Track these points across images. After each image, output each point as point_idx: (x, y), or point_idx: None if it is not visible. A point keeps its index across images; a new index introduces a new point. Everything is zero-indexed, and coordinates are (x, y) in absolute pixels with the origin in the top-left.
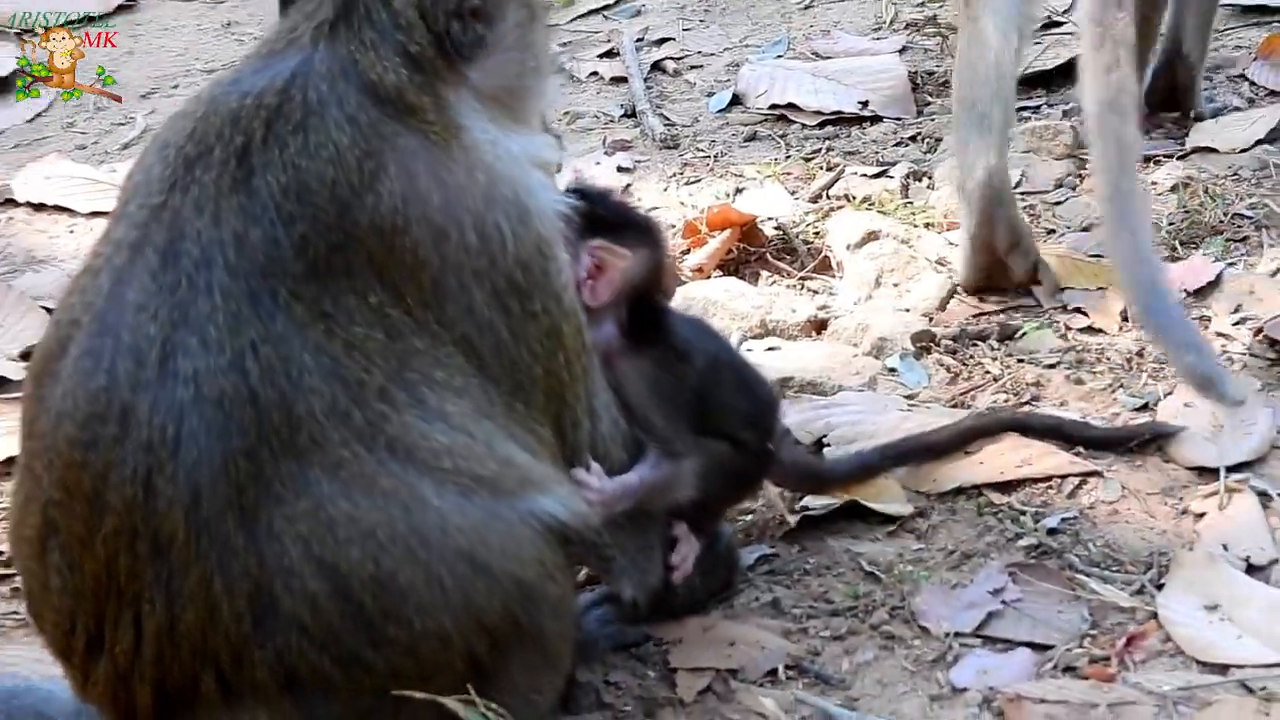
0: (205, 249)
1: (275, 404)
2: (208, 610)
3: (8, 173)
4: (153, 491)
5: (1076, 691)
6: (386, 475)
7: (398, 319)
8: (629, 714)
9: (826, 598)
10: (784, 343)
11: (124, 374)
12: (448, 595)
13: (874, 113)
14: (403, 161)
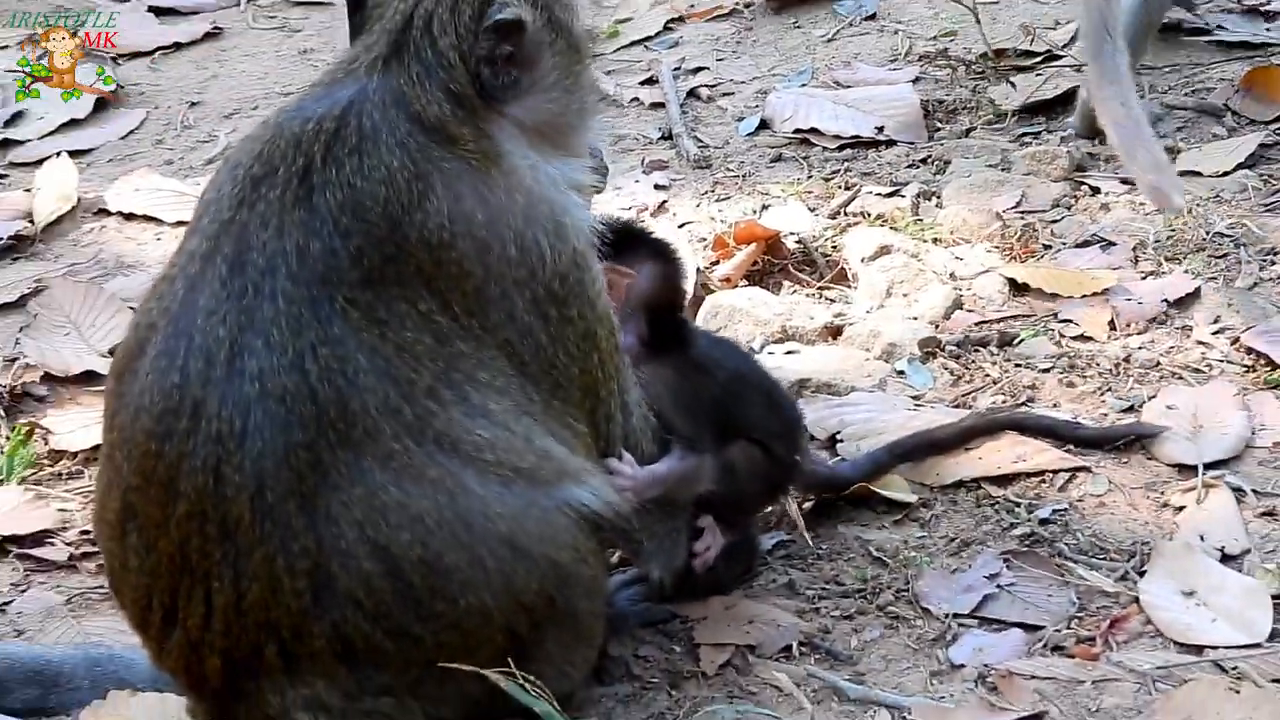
0: (270, 259)
1: (332, 400)
2: (271, 587)
3: (102, 185)
4: (221, 479)
5: (1064, 669)
6: (434, 466)
7: (445, 325)
8: (656, 685)
9: (837, 580)
10: (802, 347)
11: (195, 372)
12: (489, 576)
13: (889, 137)
14: (449, 183)
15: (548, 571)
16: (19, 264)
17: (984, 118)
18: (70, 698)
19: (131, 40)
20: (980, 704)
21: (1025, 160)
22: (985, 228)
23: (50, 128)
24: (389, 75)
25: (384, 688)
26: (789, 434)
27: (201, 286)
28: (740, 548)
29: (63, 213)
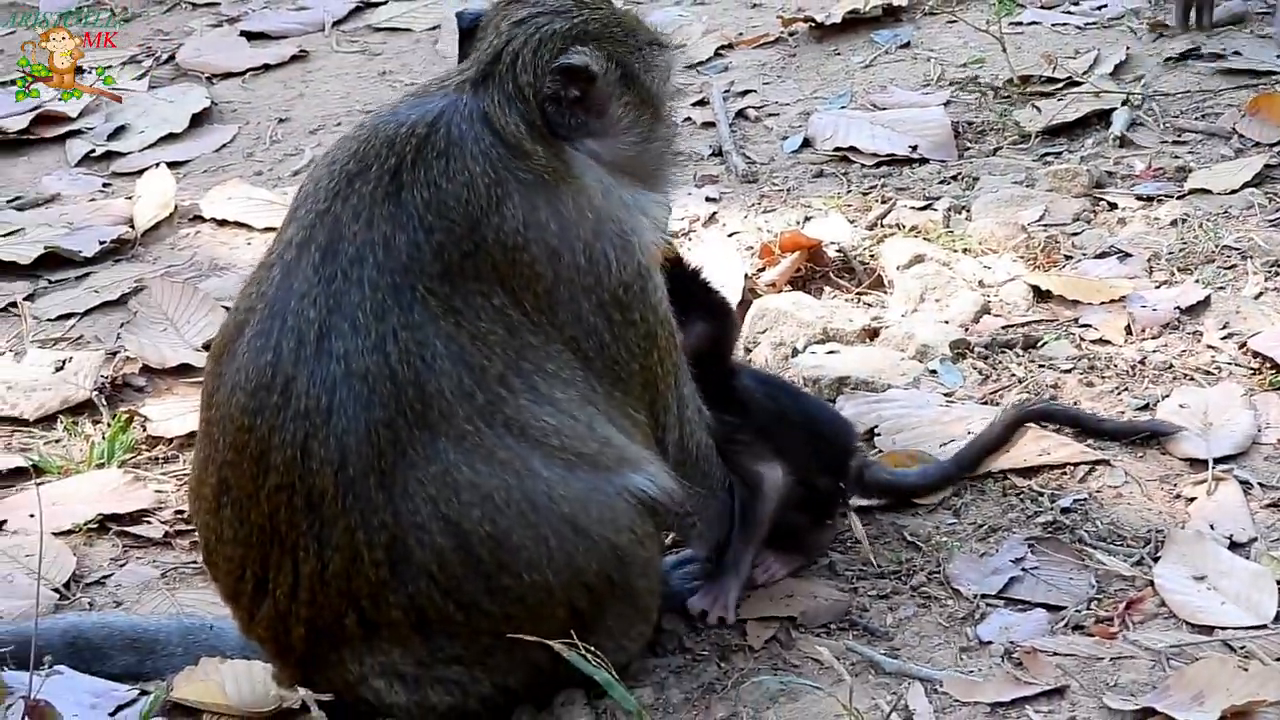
0: (359, 248)
1: (411, 381)
2: (352, 557)
3: (197, 194)
4: (308, 453)
5: (1084, 646)
6: (503, 448)
7: (516, 318)
8: (706, 657)
9: (874, 563)
10: (842, 347)
11: (288, 352)
12: (552, 554)
13: (922, 156)
14: (525, 193)
15: (607, 552)
16: (120, 265)
17: (1010, 138)
18: (165, 664)
19: (224, 62)
20: (1006, 678)
21: (1048, 177)
22: (1011, 239)
23: (150, 141)
24: (476, 95)
25: (454, 657)
26: (833, 465)
27: (296, 272)
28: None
29: (161, 219)
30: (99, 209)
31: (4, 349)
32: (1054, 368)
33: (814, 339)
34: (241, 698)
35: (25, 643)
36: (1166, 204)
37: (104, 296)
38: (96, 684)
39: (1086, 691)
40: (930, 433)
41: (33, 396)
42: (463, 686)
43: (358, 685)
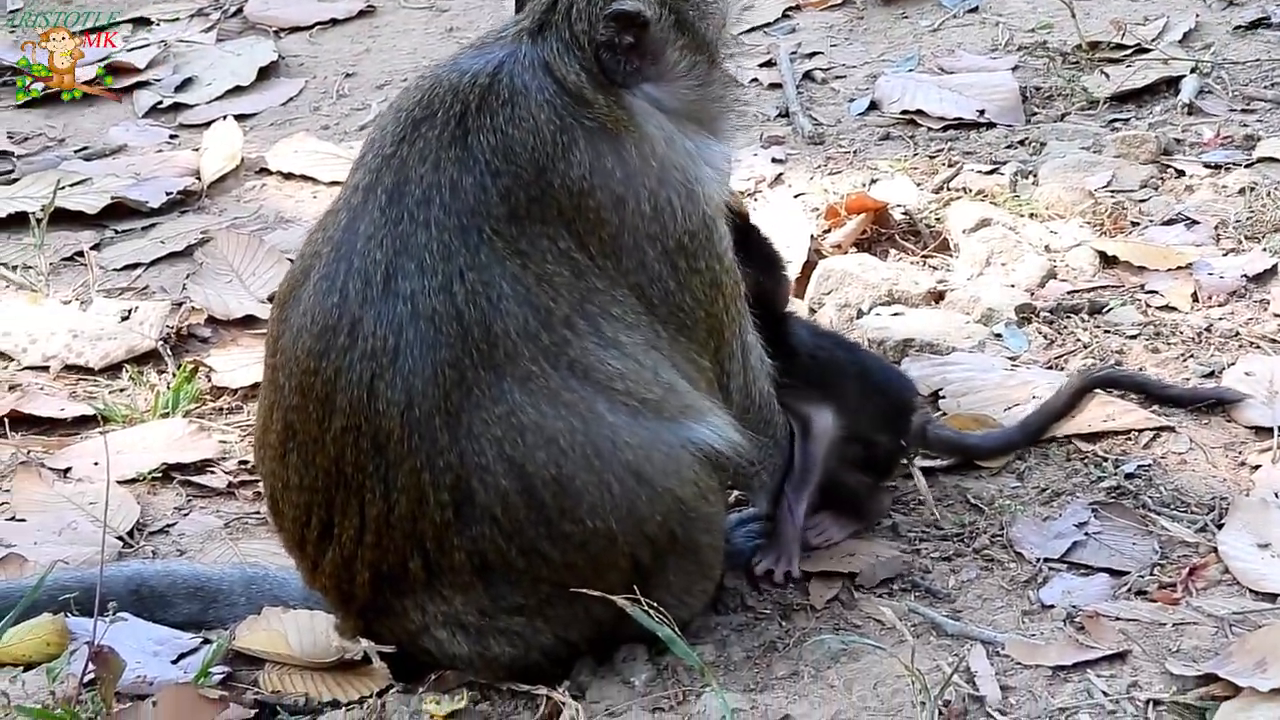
0: (425, 191)
1: (477, 322)
2: (418, 499)
3: (264, 146)
4: (374, 395)
5: (1146, 612)
6: (568, 391)
7: (582, 262)
8: (768, 616)
9: (937, 525)
10: (907, 310)
11: (354, 293)
12: (615, 502)
13: (989, 120)
14: (591, 140)
15: (671, 504)
16: (187, 217)
17: (1078, 104)
18: (228, 613)
19: (292, 15)
20: (1068, 642)
21: (1116, 144)
22: (1078, 205)
23: (217, 93)
24: (536, 44)
25: (516, 607)
26: (892, 421)
27: (363, 215)
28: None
29: (227, 171)
30: (166, 160)
31: (70, 298)
32: (1119, 334)
33: (879, 301)
34: (304, 648)
35: (90, 590)
36: (1234, 172)
37: (170, 247)
38: (160, 631)
39: (1148, 657)
40: (995, 396)
41: (98, 346)
42: (524, 638)
43: (420, 635)
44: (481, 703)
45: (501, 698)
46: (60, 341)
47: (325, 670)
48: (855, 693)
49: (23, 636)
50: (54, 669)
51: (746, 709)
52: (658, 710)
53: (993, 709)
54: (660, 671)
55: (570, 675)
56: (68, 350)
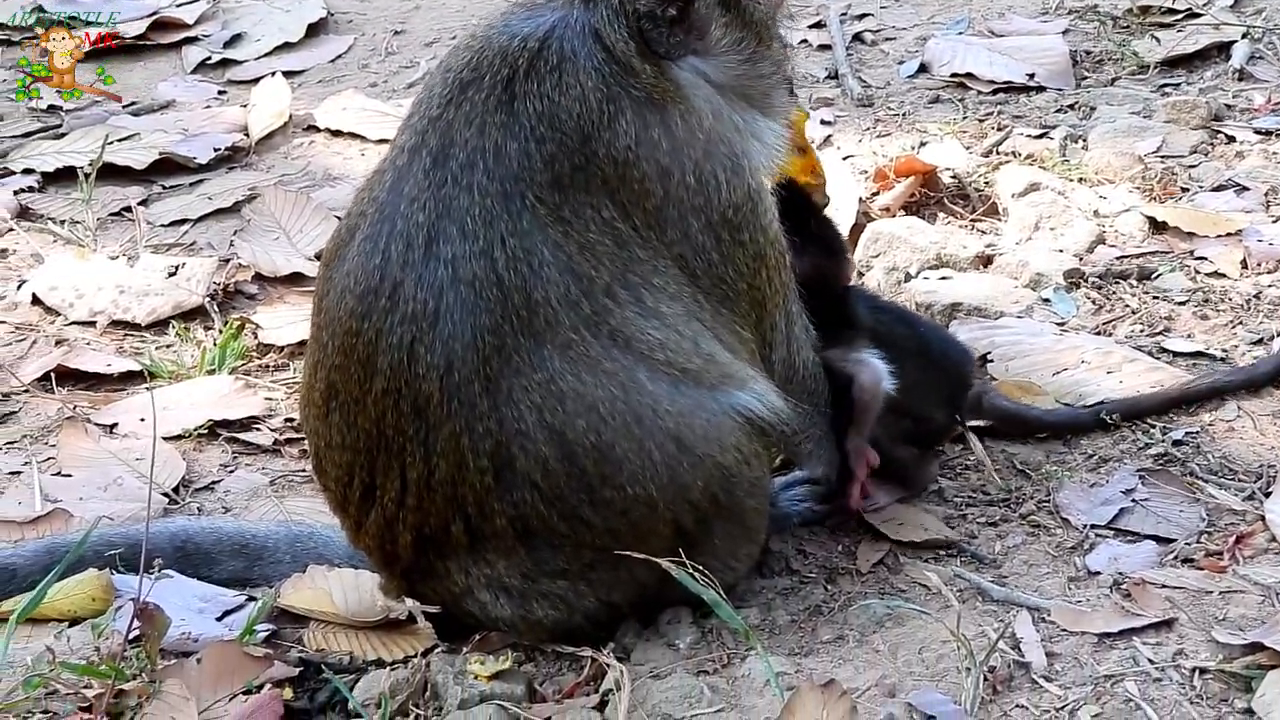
0: (470, 155)
1: (517, 288)
2: (458, 463)
3: (312, 103)
4: (414, 358)
5: (1193, 579)
6: (609, 359)
7: (625, 232)
8: (813, 580)
9: (984, 490)
10: (955, 274)
11: (396, 255)
12: (656, 468)
13: (1039, 84)
14: (638, 110)
15: (712, 470)
16: (234, 173)
17: (1128, 69)
18: (273, 570)
19: None
20: (1114, 609)
21: (1166, 109)
22: (1128, 170)
23: (266, 49)
24: (587, 11)
25: (559, 571)
26: (948, 397)
27: (407, 177)
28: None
29: (275, 128)
30: (214, 116)
31: (118, 254)
32: (1168, 299)
33: (927, 264)
34: (349, 607)
35: (135, 546)
36: None
37: (217, 203)
38: (204, 589)
39: (1194, 624)
40: (1042, 361)
41: (145, 301)
42: (567, 601)
43: (464, 597)
44: (526, 664)
45: (546, 659)
46: (107, 297)
47: (370, 629)
48: (900, 657)
49: (68, 592)
50: (99, 625)
51: (791, 672)
52: (702, 673)
53: (1038, 675)
54: (705, 634)
55: (615, 637)
56: (114, 306)
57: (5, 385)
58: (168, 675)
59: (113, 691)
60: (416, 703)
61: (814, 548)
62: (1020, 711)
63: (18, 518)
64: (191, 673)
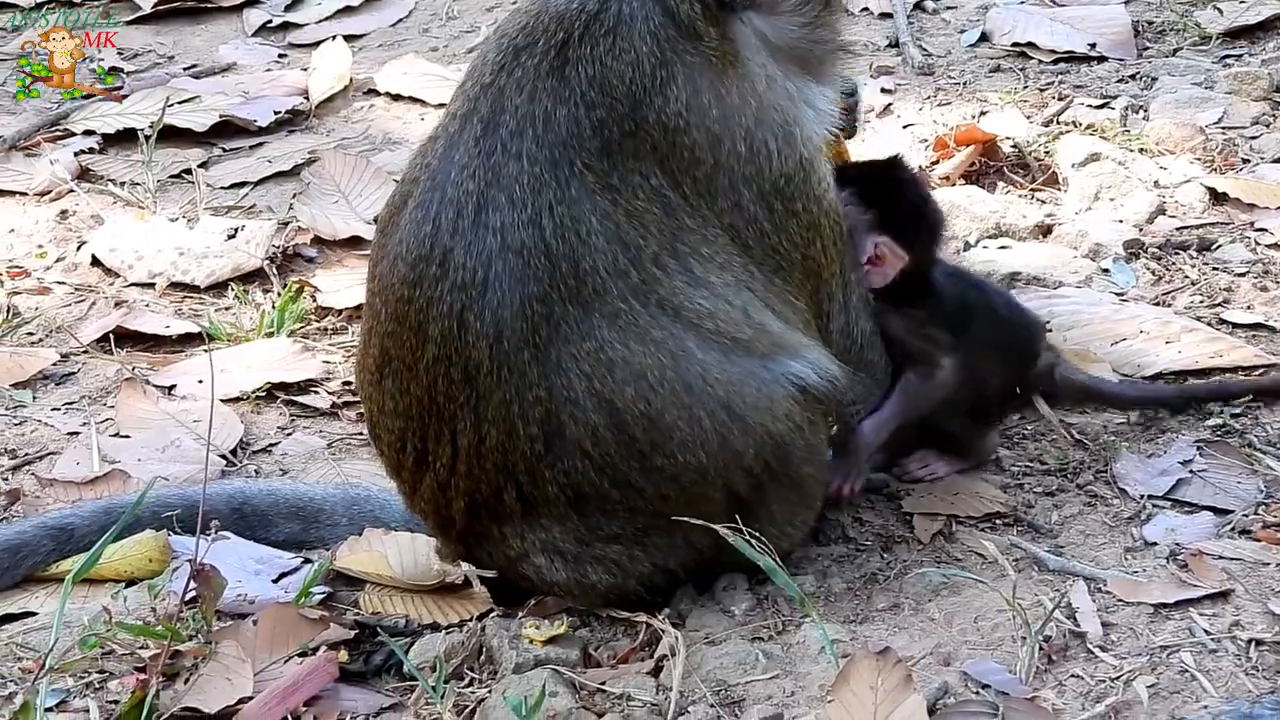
0: (520, 122)
1: (565, 257)
2: (508, 431)
3: (372, 67)
4: (464, 326)
5: (1250, 551)
6: (657, 328)
7: (674, 200)
8: (869, 548)
9: (1041, 460)
10: (1014, 243)
11: (447, 222)
12: (707, 436)
13: (1101, 54)
14: (690, 75)
15: (764, 438)
16: (294, 136)
17: (1190, 39)
18: (329, 533)
19: None
20: (1171, 579)
21: (1228, 80)
22: (1189, 140)
23: (327, 13)
24: None
25: (613, 536)
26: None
27: (459, 144)
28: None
29: (336, 91)
30: (274, 79)
31: (177, 216)
32: (1228, 271)
33: (987, 233)
34: (405, 570)
35: (192, 507)
36: None
37: (277, 166)
38: (261, 550)
39: (1251, 596)
40: (1101, 331)
41: (204, 264)
42: (622, 566)
43: (519, 561)
44: (581, 629)
45: (601, 624)
46: (166, 259)
47: (426, 593)
48: (956, 626)
49: (126, 553)
50: (155, 586)
51: (846, 640)
52: (757, 640)
53: (1093, 645)
54: (760, 601)
55: (670, 603)
56: (173, 268)
57: (65, 346)
58: (223, 636)
59: (168, 652)
60: (471, 666)
61: (871, 516)
62: (1075, 681)
63: (76, 478)
64: (247, 634)
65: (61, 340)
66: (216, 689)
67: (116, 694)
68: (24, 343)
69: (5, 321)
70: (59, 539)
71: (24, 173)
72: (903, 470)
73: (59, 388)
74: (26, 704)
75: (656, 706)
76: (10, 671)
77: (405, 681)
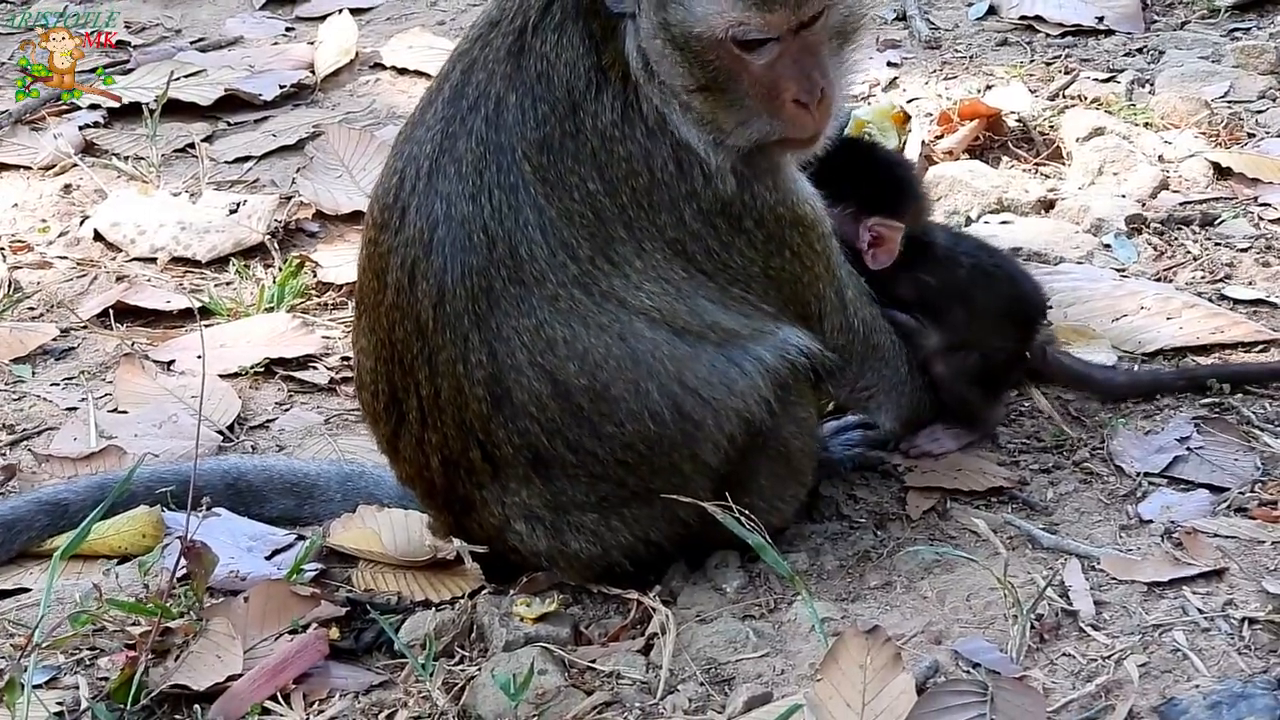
0: (477, 99)
1: (503, 239)
2: (457, 388)
3: (379, 41)
4: (414, 280)
5: (1246, 529)
6: (602, 313)
7: (607, 207)
8: (862, 525)
9: (1037, 436)
10: (1016, 218)
11: (408, 177)
12: (658, 407)
13: (1108, 27)
14: (622, 85)
15: (724, 411)
16: (299, 110)
17: (1198, 12)
18: (323, 509)
19: None
20: (1165, 558)
21: (1235, 54)
22: (1194, 115)
23: None
24: None
25: (584, 503)
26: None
27: (433, 105)
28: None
29: (341, 65)
30: (280, 53)
31: (180, 190)
32: (1230, 246)
33: (989, 208)
34: (397, 546)
35: (188, 483)
36: None
37: (281, 141)
38: (254, 527)
39: (1246, 574)
40: (1102, 307)
41: (206, 238)
42: (601, 536)
43: (504, 531)
44: (572, 605)
45: (592, 601)
46: (168, 233)
47: (418, 569)
48: (948, 604)
49: (119, 529)
50: (146, 562)
51: (837, 618)
52: (748, 618)
53: (1086, 624)
54: (752, 579)
55: (662, 581)
56: (175, 242)
57: (65, 321)
58: (214, 614)
59: (159, 629)
60: (462, 644)
61: (865, 493)
62: (1067, 660)
63: (73, 454)
64: (238, 611)
65: (62, 315)
66: (206, 666)
67: (106, 671)
68: (25, 317)
69: (6, 296)
70: (54, 514)
71: (28, 147)
72: (911, 445)
73: (59, 363)
74: (11, 681)
75: (646, 684)
76: (1, 648)
77: (395, 659)
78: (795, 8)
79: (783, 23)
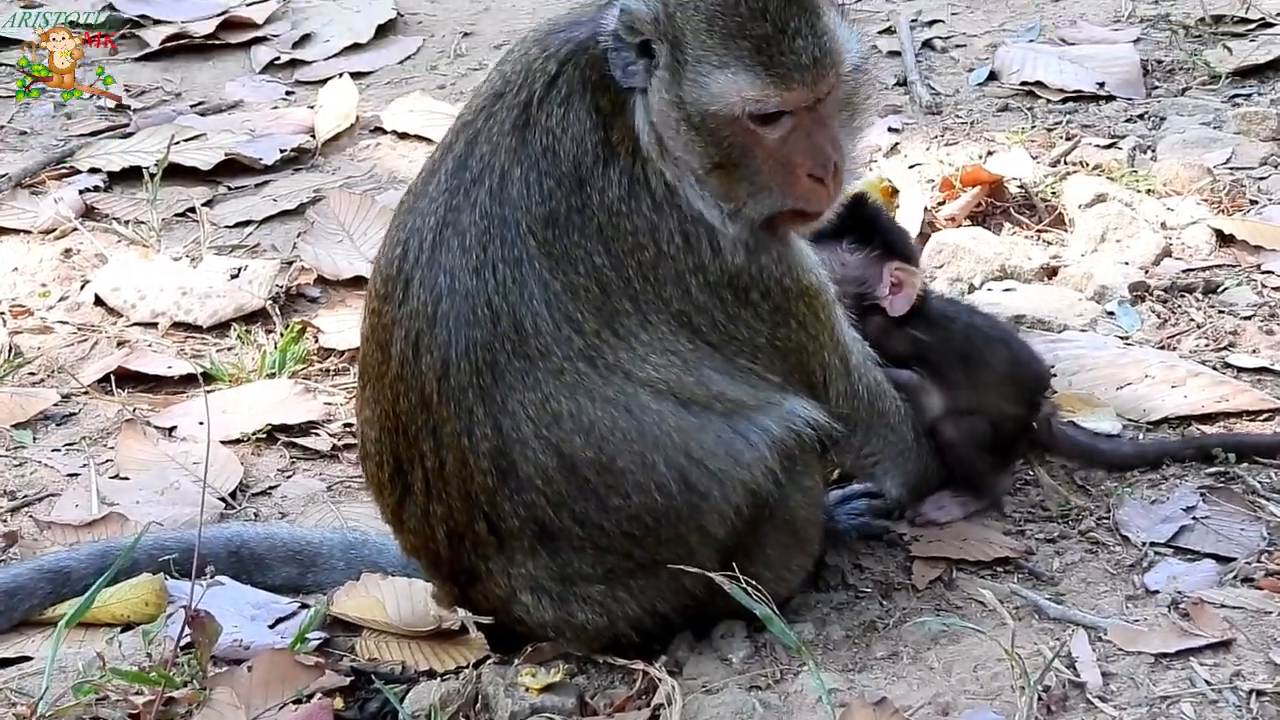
0: (481, 171)
1: (507, 313)
2: (461, 460)
3: (379, 105)
4: (418, 353)
5: (1253, 600)
6: (609, 386)
7: (613, 281)
8: (868, 595)
9: (1043, 506)
10: (1019, 285)
11: (412, 249)
12: (664, 480)
13: (1109, 93)
14: (630, 159)
15: (730, 483)
16: (300, 174)
17: (1199, 79)
18: (326, 577)
19: None
20: (1172, 628)
21: (1237, 120)
22: (1196, 181)
23: (334, 50)
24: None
25: (591, 575)
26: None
27: (436, 175)
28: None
29: (342, 129)
30: (281, 117)
31: (181, 255)
32: (1234, 314)
33: (992, 275)
34: (402, 615)
35: (190, 550)
36: None
37: (282, 205)
38: (258, 595)
39: (1253, 645)
40: (1106, 375)
41: (207, 303)
42: (608, 607)
43: (510, 601)
44: (578, 675)
45: (598, 671)
46: (169, 298)
47: (422, 639)
48: (954, 675)
49: (122, 596)
50: (150, 631)
51: (844, 689)
52: (755, 688)
53: (1093, 695)
54: (759, 649)
55: (667, 651)
56: (176, 307)
57: (66, 386)
58: (218, 683)
59: (162, 699)
60: (467, 714)
61: (870, 562)
62: None
63: (74, 521)
64: (242, 681)
65: (63, 380)
66: None
67: None
68: (25, 383)
69: (7, 361)
70: (55, 582)
71: (29, 210)
72: (916, 513)
73: (60, 428)
74: None
75: None
76: (3, 718)
77: None
78: (813, 84)
79: (800, 99)
